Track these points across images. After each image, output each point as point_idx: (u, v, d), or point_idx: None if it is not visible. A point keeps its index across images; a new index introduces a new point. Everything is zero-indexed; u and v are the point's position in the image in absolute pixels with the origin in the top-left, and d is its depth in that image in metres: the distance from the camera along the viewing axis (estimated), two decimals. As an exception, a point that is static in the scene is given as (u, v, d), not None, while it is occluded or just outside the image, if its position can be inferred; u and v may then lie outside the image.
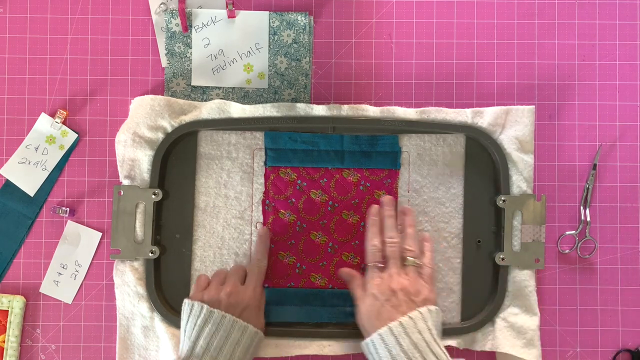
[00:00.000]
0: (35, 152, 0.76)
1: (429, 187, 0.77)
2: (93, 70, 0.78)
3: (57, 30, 0.78)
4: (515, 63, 0.78)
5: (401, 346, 0.62)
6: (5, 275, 0.76)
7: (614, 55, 0.79)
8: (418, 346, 0.62)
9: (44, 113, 0.76)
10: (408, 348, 0.62)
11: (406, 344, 0.62)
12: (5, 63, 0.78)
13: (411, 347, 0.62)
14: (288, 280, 0.76)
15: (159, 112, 0.75)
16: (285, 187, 0.77)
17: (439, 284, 0.76)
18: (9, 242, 0.76)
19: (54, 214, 0.76)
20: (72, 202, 0.77)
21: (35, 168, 0.76)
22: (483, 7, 0.79)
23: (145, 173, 0.75)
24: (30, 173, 0.76)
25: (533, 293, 0.75)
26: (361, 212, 0.77)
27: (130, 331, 0.74)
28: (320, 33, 0.78)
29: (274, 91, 0.78)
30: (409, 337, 0.62)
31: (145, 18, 0.78)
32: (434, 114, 0.76)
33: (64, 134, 0.76)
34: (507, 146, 0.75)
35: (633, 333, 0.77)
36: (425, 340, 0.63)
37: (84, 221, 0.77)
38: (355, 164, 0.77)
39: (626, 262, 0.77)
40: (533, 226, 0.76)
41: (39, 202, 0.76)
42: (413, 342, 0.62)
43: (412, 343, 0.62)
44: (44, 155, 0.76)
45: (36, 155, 0.76)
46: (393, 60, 0.78)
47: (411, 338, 0.62)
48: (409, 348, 0.62)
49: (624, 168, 0.78)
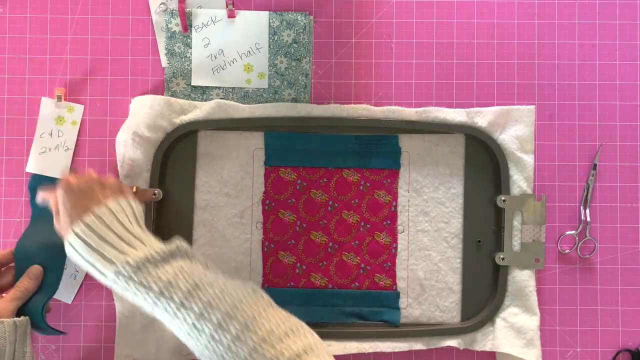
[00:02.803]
0: (51, 138, 0.77)
1: (429, 187, 0.77)
2: (93, 70, 0.78)
3: (57, 30, 0.78)
4: (515, 63, 0.78)
5: (100, 236, 0.60)
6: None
7: (614, 55, 0.79)
8: (117, 233, 0.60)
9: (44, 97, 0.77)
10: (107, 236, 0.60)
11: (104, 233, 0.60)
12: (5, 63, 0.78)
13: (110, 235, 0.60)
14: (288, 280, 0.76)
15: (159, 112, 0.75)
16: (285, 187, 0.77)
17: (439, 284, 0.76)
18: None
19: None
20: (72, 202, 0.77)
21: (57, 152, 0.76)
22: (483, 7, 0.79)
23: (145, 173, 0.75)
24: (54, 158, 0.77)
25: (533, 293, 0.75)
26: (361, 212, 0.77)
27: (129, 330, 0.74)
28: (320, 33, 0.78)
29: (274, 91, 0.78)
30: (106, 226, 0.60)
31: (145, 18, 0.78)
32: (434, 114, 0.76)
33: (70, 109, 0.76)
34: (507, 146, 0.75)
35: (633, 333, 0.77)
36: (125, 226, 0.61)
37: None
38: (355, 164, 0.77)
39: (626, 262, 0.77)
40: (533, 226, 0.76)
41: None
42: (112, 230, 0.60)
43: (112, 231, 0.60)
44: (60, 138, 0.77)
45: (53, 140, 0.77)
46: (393, 60, 0.78)
47: (110, 227, 0.60)
48: (107, 236, 0.60)
49: (624, 168, 0.78)
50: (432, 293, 0.76)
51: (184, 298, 0.56)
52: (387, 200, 0.77)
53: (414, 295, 0.76)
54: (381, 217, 0.77)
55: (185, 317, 0.56)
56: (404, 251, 0.77)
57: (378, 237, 0.77)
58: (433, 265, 0.77)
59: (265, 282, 0.76)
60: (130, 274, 0.58)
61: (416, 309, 0.76)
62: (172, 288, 0.57)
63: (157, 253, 0.59)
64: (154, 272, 0.58)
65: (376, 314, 0.76)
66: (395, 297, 0.76)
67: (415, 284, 0.76)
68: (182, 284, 0.57)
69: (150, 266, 0.58)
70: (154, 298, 0.57)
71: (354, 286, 0.77)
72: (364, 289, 0.77)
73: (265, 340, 0.54)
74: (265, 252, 0.77)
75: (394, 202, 0.77)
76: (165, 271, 0.58)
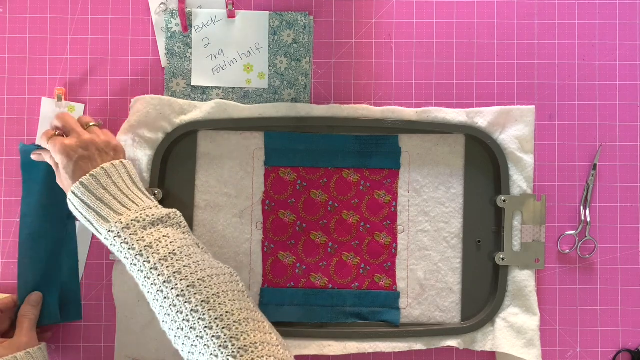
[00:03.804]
0: None
1: (429, 187, 0.77)
2: (93, 70, 0.78)
3: (57, 30, 0.78)
4: (515, 63, 0.78)
5: (95, 196, 0.64)
6: (5, 276, 0.76)
7: (614, 55, 0.79)
8: (112, 194, 0.64)
9: (44, 97, 0.77)
10: (102, 196, 0.64)
11: (100, 194, 0.64)
12: (5, 63, 0.78)
13: (106, 195, 0.64)
14: (288, 280, 0.76)
15: (159, 112, 0.75)
16: (285, 187, 0.77)
17: (439, 284, 0.76)
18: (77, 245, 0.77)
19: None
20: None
21: None
22: (483, 7, 0.79)
23: (145, 173, 0.75)
24: None
25: (533, 293, 0.75)
26: (361, 212, 0.77)
27: (129, 330, 0.74)
28: (320, 33, 0.78)
29: (274, 91, 0.78)
30: (102, 187, 0.64)
31: (145, 18, 0.78)
32: (434, 114, 0.76)
33: (71, 109, 0.76)
34: (507, 146, 0.75)
35: (633, 333, 0.77)
36: (120, 187, 0.65)
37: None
38: (355, 164, 0.77)
39: (626, 262, 0.77)
40: (533, 226, 0.76)
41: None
42: (108, 191, 0.64)
43: (107, 192, 0.64)
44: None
45: None
46: (393, 60, 0.78)
47: (106, 188, 0.64)
48: (103, 196, 0.64)
49: (624, 168, 0.78)
50: (432, 293, 0.76)
51: (158, 262, 0.59)
52: (387, 200, 0.77)
53: (414, 296, 0.76)
54: (381, 217, 0.77)
55: (154, 280, 0.59)
56: (404, 251, 0.77)
57: (378, 237, 0.77)
58: (433, 265, 0.77)
59: (265, 282, 0.76)
60: (118, 231, 0.61)
61: (416, 309, 0.76)
62: (151, 249, 0.60)
63: (148, 216, 0.62)
64: (140, 233, 0.61)
65: (376, 314, 0.76)
66: (395, 297, 0.76)
67: (415, 284, 0.76)
68: (162, 248, 0.60)
69: (137, 226, 0.61)
70: (132, 257, 0.60)
71: (354, 286, 0.77)
72: (364, 289, 0.77)
73: (222, 319, 0.56)
74: (265, 252, 0.77)
75: (394, 202, 0.77)
76: (149, 234, 0.61)
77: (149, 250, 0.60)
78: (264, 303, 0.76)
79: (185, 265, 0.60)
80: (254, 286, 0.76)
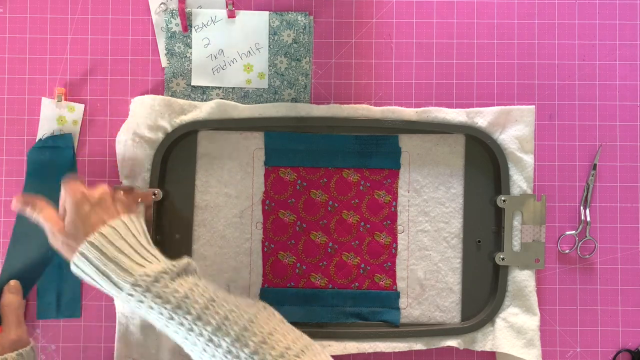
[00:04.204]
0: None
1: (429, 187, 0.77)
2: (93, 70, 0.78)
3: (57, 30, 0.78)
4: (515, 63, 0.78)
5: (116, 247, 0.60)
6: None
7: (614, 55, 0.79)
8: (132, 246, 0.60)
9: (44, 97, 0.77)
10: (123, 248, 0.60)
11: (120, 245, 0.60)
12: (5, 63, 0.78)
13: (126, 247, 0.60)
14: (288, 280, 0.76)
15: (159, 112, 0.75)
16: (285, 187, 0.77)
17: (439, 284, 0.76)
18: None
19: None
20: (72, 202, 0.77)
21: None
22: (483, 7, 0.79)
23: (145, 173, 0.75)
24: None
25: (533, 293, 0.75)
26: (361, 212, 0.77)
27: (129, 330, 0.74)
28: (320, 33, 0.78)
29: (274, 91, 0.78)
30: (122, 238, 0.60)
31: (145, 18, 0.78)
32: (434, 114, 0.76)
33: (71, 109, 0.76)
34: (507, 146, 0.75)
35: (633, 333, 0.77)
36: (138, 240, 0.61)
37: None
38: (355, 164, 0.77)
39: (626, 262, 0.77)
40: (533, 226, 0.76)
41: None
42: (128, 243, 0.60)
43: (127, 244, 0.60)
44: None
45: None
46: (393, 60, 0.78)
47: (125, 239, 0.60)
48: (123, 248, 0.60)
49: (624, 168, 0.78)
50: (432, 293, 0.76)
51: (201, 311, 0.56)
52: (387, 200, 0.77)
53: (414, 295, 0.76)
54: (381, 217, 0.77)
55: (201, 331, 0.56)
56: (404, 251, 0.77)
57: (378, 237, 0.77)
58: (433, 265, 0.77)
59: (265, 282, 0.76)
60: (148, 285, 0.57)
61: (416, 309, 0.76)
62: (189, 300, 0.57)
63: (174, 266, 0.59)
64: (171, 285, 0.57)
65: (376, 314, 0.76)
66: (395, 297, 0.76)
67: (415, 284, 0.76)
68: (199, 297, 0.57)
69: (167, 278, 0.58)
70: (170, 311, 0.56)
71: (354, 286, 0.77)
72: (364, 289, 0.77)
73: (283, 355, 0.54)
74: (265, 252, 0.77)
75: (394, 202, 0.77)
76: (181, 284, 0.58)
77: (187, 302, 0.57)
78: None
79: (229, 310, 0.57)
80: (254, 286, 0.76)
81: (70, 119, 0.77)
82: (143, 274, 0.57)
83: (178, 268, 0.59)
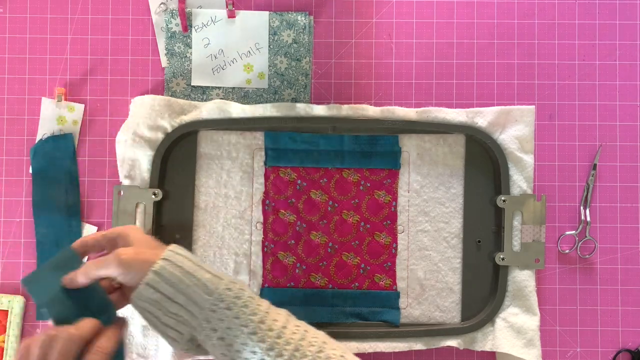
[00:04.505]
0: None
1: (429, 187, 0.77)
2: (93, 70, 0.78)
3: (57, 30, 0.78)
4: (515, 63, 0.78)
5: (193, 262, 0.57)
6: (5, 276, 0.76)
7: (614, 55, 0.79)
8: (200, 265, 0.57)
9: (44, 97, 0.77)
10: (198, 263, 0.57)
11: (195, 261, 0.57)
12: (5, 63, 0.78)
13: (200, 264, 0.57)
14: (288, 280, 0.76)
15: (159, 112, 0.75)
16: (285, 187, 0.77)
17: (439, 284, 0.76)
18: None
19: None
20: (72, 202, 0.77)
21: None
22: (483, 7, 0.79)
23: (145, 173, 0.75)
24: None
25: (533, 293, 0.75)
26: (361, 212, 0.77)
27: (129, 330, 0.74)
28: (320, 33, 0.78)
29: (274, 91, 0.78)
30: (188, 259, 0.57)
31: (145, 18, 0.78)
32: (434, 114, 0.76)
33: (71, 109, 0.76)
34: (507, 146, 0.75)
35: (633, 333, 0.77)
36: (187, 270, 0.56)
37: (84, 221, 0.77)
38: (355, 164, 0.77)
39: (626, 262, 0.77)
40: (533, 226, 0.76)
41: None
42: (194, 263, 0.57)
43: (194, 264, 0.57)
44: None
45: None
46: (393, 60, 0.78)
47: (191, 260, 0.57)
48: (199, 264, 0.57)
49: (624, 168, 0.78)
50: (432, 293, 0.76)
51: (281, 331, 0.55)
52: (387, 200, 0.77)
53: (414, 295, 0.76)
54: (381, 217, 0.77)
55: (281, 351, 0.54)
56: (404, 251, 0.77)
57: (378, 237, 0.77)
58: (433, 265, 0.77)
59: (265, 282, 0.76)
60: (238, 293, 0.56)
61: (416, 309, 0.76)
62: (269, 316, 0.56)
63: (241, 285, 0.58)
64: (255, 296, 0.57)
65: (376, 314, 0.76)
66: (395, 297, 0.76)
67: (415, 284, 0.76)
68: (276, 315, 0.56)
69: (248, 292, 0.57)
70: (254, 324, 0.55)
71: (354, 286, 0.77)
72: (364, 289, 0.77)
73: None
74: (265, 252, 0.77)
75: (394, 202, 0.77)
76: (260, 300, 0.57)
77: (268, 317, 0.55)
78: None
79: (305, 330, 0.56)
80: (254, 286, 0.76)
81: (70, 119, 0.77)
82: (225, 287, 0.55)
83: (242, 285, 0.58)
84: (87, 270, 0.56)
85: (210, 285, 0.56)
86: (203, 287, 0.55)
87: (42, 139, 0.76)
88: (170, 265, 0.56)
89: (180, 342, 0.56)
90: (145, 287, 0.55)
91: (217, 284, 0.56)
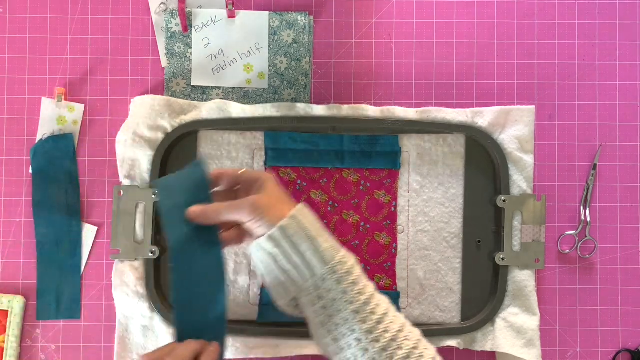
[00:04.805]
0: None
1: (428, 187, 0.77)
2: (93, 70, 0.78)
3: (57, 30, 0.78)
4: (515, 63, 0.78)
5: (314, 225, 0.58)
6: (5, 276, 0.76)
7: (614, 55, 0.79)
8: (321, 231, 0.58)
9: (44, 97, 0.77)
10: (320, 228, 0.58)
11: (316, 225, 0.58)
12: (5, 63, 0.78)
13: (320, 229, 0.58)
14: (288, 280, 0.76)
15: (159, 112, 0.75)
16: (285, 187, 0.77)
17: (439, 284, 0.76)
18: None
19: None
20: (72, 202, 0.77)
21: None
22: (483, 7, 0.79)
23: (145, 173, 0.75)
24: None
25: (533, 293, 0.75)
26: (361, 212, 0.77)
27: (129, 330, 0.74)
28: (320, 33, 0.78)
29: (274, 91, 0.78)
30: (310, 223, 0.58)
31: (145, 18, 0.78)
32: (434, 114, 0.76)
33: (71, 109, 0.76)
34: (507, 146, 0.75)
35: (633, 333, 0.77)
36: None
37: (84, 221, 0.77)
38: (355, 164, 0.77)
39: (626, 262, 0.77)
40: (533, 226, 0.76)
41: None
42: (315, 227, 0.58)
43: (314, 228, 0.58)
44: None
45: None
46: (393, 60, 0.78)
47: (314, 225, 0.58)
48: (320, 228, 0.58)
49: (624, 168, 0.78)
50: (432, 293, 0.76)
51: (383, 316, 0.56)
52: (387, 200, 0.77)
53: (414, 295, 0.76)
54: (381, 217, 0.77)
55: (378, 337, 0.55)
56: (404, 251, 0.77)
57: (378, 237, 0.77)
58: (433, 265, 0.77)
59: (265, 282, 0.76)
60: (350, 269, 0.57)
61: (416, 309, 0.76)
62: (375, 300, 0.57)
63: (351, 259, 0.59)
64: (364, 275, 0.58)
65: (376, 314, 0.76)
66: (395, 297, 0.76)
67: (415, 284, 0.76)
68: (380, 300, 0.57)
69: (358, 270, 0.58)
70: (362, 303, 0.56)
71: (354, 286, 0.76)
72: (364, 289, 0.76)
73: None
74: (265, 252, 0.76)
75: (393, 202, 0.77)
76: (368, 280, 0.58)
77: (373, 300, 0.57)
78: (264, 303, 0.75)
79: (403, 323, 0.57)
80: (254, 286, 0.76)
81: (70, 119, 0.77)
82: (341, 258, 0.57)
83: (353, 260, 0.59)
84: (219, 211, 0.58)
85: (327, 255, 0.57)
86: (320, 255, 0.57)
87: (42, 139, 0.76)
88: (296, 224, 0.57)
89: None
90: (268, 240, 0.57)
91: (334, 255, 0.57)
